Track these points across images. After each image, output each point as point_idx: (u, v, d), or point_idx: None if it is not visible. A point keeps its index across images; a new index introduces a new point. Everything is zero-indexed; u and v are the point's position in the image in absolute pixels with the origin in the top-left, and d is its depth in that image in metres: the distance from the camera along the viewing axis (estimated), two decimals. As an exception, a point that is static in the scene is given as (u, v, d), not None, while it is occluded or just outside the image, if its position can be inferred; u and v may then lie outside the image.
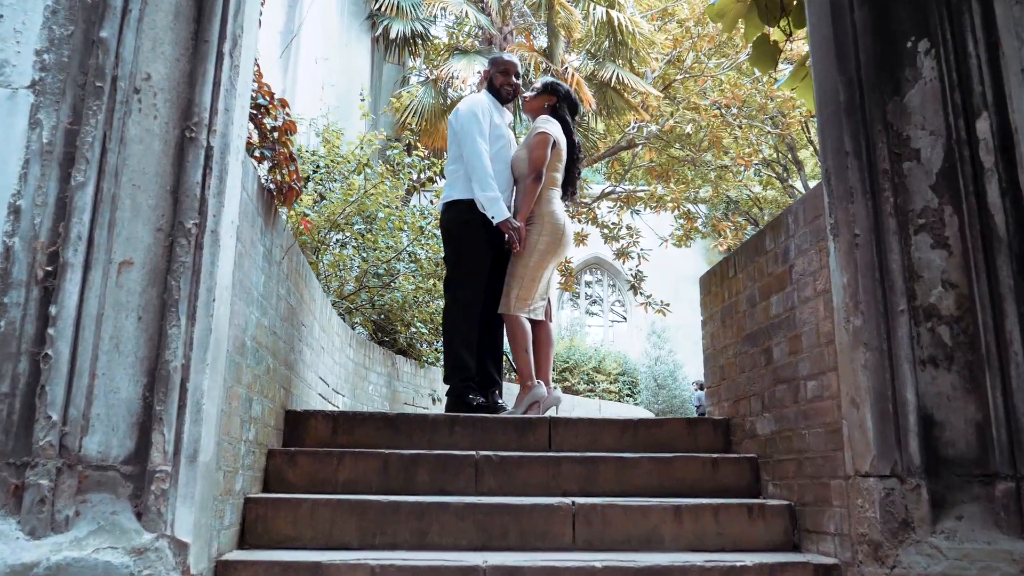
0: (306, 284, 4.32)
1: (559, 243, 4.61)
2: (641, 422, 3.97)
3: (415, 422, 3.85)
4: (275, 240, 3.44)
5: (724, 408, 4.10)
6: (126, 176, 2.52)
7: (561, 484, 3.49)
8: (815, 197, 3.17)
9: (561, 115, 4.76)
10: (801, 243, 3.27)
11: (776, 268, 3.51)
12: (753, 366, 3.73)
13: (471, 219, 4.47)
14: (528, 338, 4.46)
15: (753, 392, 3.72)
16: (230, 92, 2.72)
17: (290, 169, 3.33)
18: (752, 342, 3.75)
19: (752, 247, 3.79)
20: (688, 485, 3.55)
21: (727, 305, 4.09)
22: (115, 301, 2.43)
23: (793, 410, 3.30)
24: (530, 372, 4.42)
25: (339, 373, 5.74)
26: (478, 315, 4.47)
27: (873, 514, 2.65)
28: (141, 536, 2.27)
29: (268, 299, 3.35)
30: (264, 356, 3.31)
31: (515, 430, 3.87)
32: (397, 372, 7.62)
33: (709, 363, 4.37)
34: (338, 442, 3.77)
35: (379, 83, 14.07)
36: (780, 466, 3.41)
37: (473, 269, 4.50)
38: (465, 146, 4.57)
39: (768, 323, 3.57)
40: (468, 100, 4.83)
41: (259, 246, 3.16)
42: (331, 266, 7.16)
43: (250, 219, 3.01)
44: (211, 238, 2.57)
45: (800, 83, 5.15)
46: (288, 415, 3.80)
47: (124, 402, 2.39)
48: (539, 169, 4.52)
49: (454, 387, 4.39)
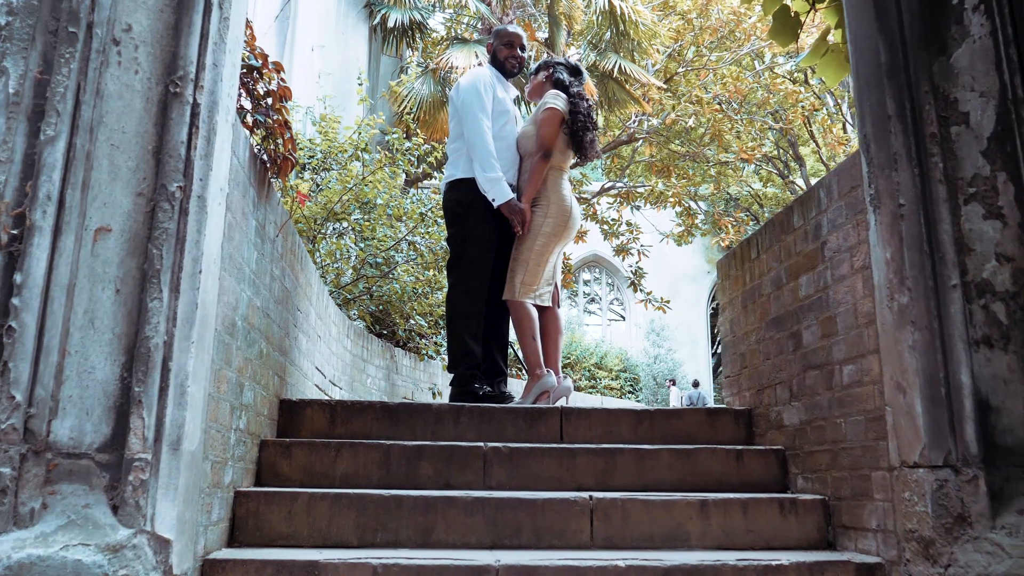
0: (302, 267, 4.08)
1: (566, 225, 4.37)
2: (658, 412, 3.74)
3: (418, 412, 3.61)
4: (269, 215, 3.20)
5: (746, 398, 3.87)
6: (103, 134, 2.28)
7: (576, 477, 3.25)
8: (851, 167, 2.94)
9: (558, 79, 4.51)
10: (835, 217, 3.04)
11: (806, 246, 3.27)
12: (779, 352, 3.50)
13: (475, 199, 4.23)
14: (535, 325, 4.22)
15: (779, 380, 3.49)
16: (219, 46, 2.48)
17: (285, 138, 3.09)
18: (778, 326, 3.51)
19: (778, 225, 3.56)
20: (712, 479, 3.31)
21: (749, 288, 3.86)
22: (90, 271, 2.19)
23: (826, 397, 3.06)
24: (538, 360, 4.18)
25: (336, 364, 5.50)
26: (484, 299, 4.23)
27: (924, 508, 2.42)
28: (117, 532, 2.03)
29: (261, 278, 3.11)
30: (257, 339, 3.07)
31: (524, 421, 3.63)
32: (396, 365, 7.37)
33: (728, 351, 4.14)
34: (336, 433, 3.53)
35: (376, 75, 13.83)
36: (811, 458, 3.17)
37: (478, 251, 4.26)
38: (466, 123, 4.33)
39: (797, 305, 3.33)
40: (470, 74, 4.57)
41: (251, 219, 2.92)
42: (328, 255, 6.92)
43: (241, 188, 2.77)
44: (197, 204, 2.33)
45: (821, 59, 4.92)
46: (283, 404, 3.56)
47: (100, 383, 2.15)
48: (547, 146, 4.28)
49: (459, 375, 4.14)
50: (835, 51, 4.90)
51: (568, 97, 4.43)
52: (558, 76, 4.54)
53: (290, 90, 3.19)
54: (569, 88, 4.47)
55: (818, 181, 3.22)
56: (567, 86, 4.48)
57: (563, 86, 4.48)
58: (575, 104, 4.43)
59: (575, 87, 4.50)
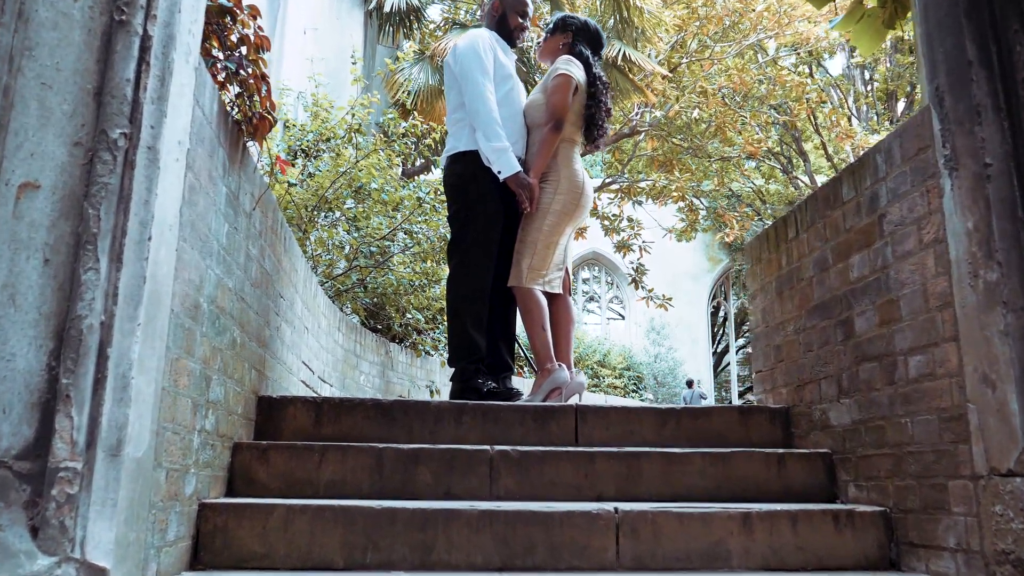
0: (285, 249, 3.66)
1: (578, 203, 3.93)
2: (685, 411, 3.32)
3: (415, 410, 3.20)
4: (244, 184, 2.79)
5: (782, 395, 3.46)
6: (31, 71, 1.86)
7: (596, 485, 2.84)
8: (918, 126, 2.53)
9: (580, 52, 4.08)
10: (897, 186, 2.63)
11: (858, 221, 2.86)
12: (824, 343, 3.09)
13: (480, 172, 3.80)
14: (545, 314, 3.79)
15: (825, 374, 3.08)
16: (175, -30, 2.07)
17: (261, 94, 2.67)
18: (823, 314, 3.10)
19: (822, 199, 3.15)
20: (750, 486, 2.90)
21: (786, 272, 3.45)
22: (11, 236, 1.78)
23: (886, 394, 2.65)
24: (549, 353, 3.74)
25: (326, 359, 5.08)
26: (489, 285, 3.80)
27: (1021, 525, 2.02)
28: (35, 561, 1.62)
29: (234, 255, 2.69)
30: (228, 326, 2.65)
31: (535, 420, 3.22)
32: (391, 361, 6.95)
33: (760, 343, 3.73)
34: (322, 434, 3.12)
35: (372, 63, 13.40)
36: (867, 463, 2.76)
37: (482, 230, 3.83)
38: (467, 88, 3.88)
39: (847, 289, 2.92)
40: (468, 36, 4.10)
41: (220, 185, 2.50)
42: (319, 243, 6.49)
43: (207, 147, 2.36)
44: (147, 156, 1.91)
45: (856, 24, 4.52)
46: (262, 402, 3.14)
47: (21, 374, 1.73)
48: (559, 116, 3.85)
49: (461, 370, 3.71)
50: (871, 16, 4.50)
51: (587, 75, 4.02)
52: (580, 49, 4.10)
53: (268, 39, 2.76)
54: (591, 67, 4.05)
55: (873, 146, 2.81)
56: (589, 63, 4.06)
57: (584, 60, 4.06)
58: (594, 88, 4.02)
59: (596, 66, 4.09)
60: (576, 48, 4.07)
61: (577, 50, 4.05)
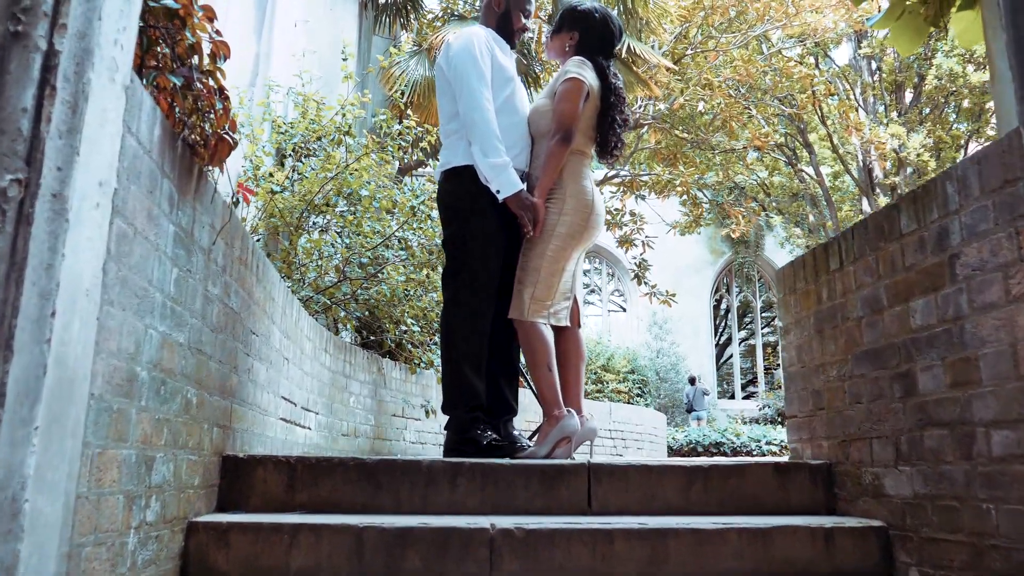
0: (259, 278, 3.23)
1: (587, 224, 3.49)
2: (714, 469, 2.91)
3: (403, 472, 2.78)
4: (199, 216, 2.36)
5: (822, 448, 3.04)
6: None
7: (614, 569, 2.43)
8: (1004, 153, 2.10)
9: (592, 54, 3.63)
10: (975, 222, 2.20)
11: (921, 259, 2.44)
12: (877, 396, 2.67)
13: (477, 191, 3.36)
14: (550, 352, 3.36)
15: (878, 433, 2.66)
16: (95, -34, 1.64)
17: (217, 111, 2.24)
18: (875, 362, 2.68)
19: (874, 228, 2.72)
20: (795, 570, 2.49)
21: (827, 308, 3.03)
22: None
23: (961, 469, 2.24)
24: (556, 397, 3.31)
25: (311, 386, 4.66)
26: (489, 320, 3.36)
27: None
28: None
29: (186, 303, 2.27)
30: (179, 388, 2.23)
31: (541, 482, 2.80)
32: (384, 378, 6.52)
33: (795, 384, 3.31)
34: (296, 502, 2.70)
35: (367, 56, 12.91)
36: (934, 548, 2.35)
37: (481, 257, 3.38)
38: (462, 97, 3.42)
39: (907, 337, 2.50)
40: (462, 35, 3.61)
41: (166, 225, 2.08)
42: (307, 253, 6.06)
43: (146, 181, 1.93)
44: (51, 207, 1.49)
45: (895, 22, 4.09)
46: (227, 462, 2.72)
47: None
48: (568, 127, 3.40)
49: (457, 419, 3.27)
50: (912, 13, 4.07)
51: (601, 81, 3.57)
52: (592, 55, 3.64)
53: (227, 45, 2.33)
54: (607, 73, 3.60)
55: (943, 173, 2.38)
56: (604, 68, 3.60)
57: (598, 65, 3.60)
58: (610, 96, 3.57)
59: (612, 70, 3.63)
60: (589, 50, 3.61)
61: (591, 54, 3.59)
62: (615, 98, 3.55)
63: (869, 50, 19.24)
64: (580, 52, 3.61)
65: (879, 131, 17.63)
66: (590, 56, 3.59)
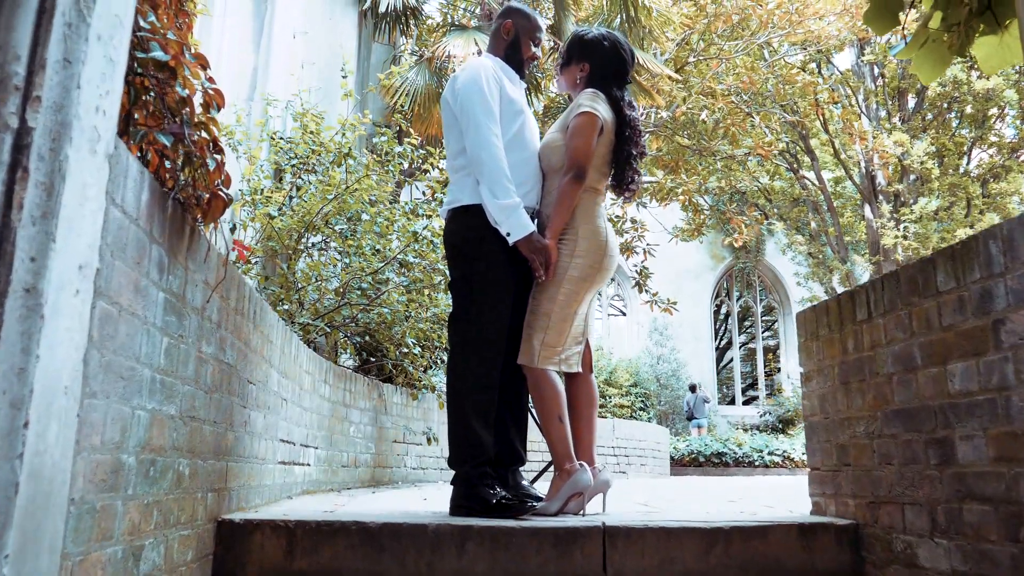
0: (256, 324, 3.09)
1: (600, 266, 3.31)
2: (735, 531, 2.76)
3: (409, 536, 2.63)
4: (192, 275, 2.21)
5: (848, 507, 2.90)
6: None
7: (633, 651, 2.28)
8: (1055, 216, 1.96)
9: (604, 85, 3.43)
10: (1022, 286, 2.06)
11: (961, 320, 2.29)
12: (910, 460, 2.52)
13: (487, 232, 3.19)
14: (562, 402, 3.20)
15: (911, 499, 2.51)
16: (76, 31, 1.51)
17: (209, 162, 2.09)
18: (908, 423, 2.54)
19: (907, 282, 2.58)
20: (825, 650, 2.35)
21: (853, 360, 2.88)
22: None
23: (1006, 551, 2.09)
24: (568, 450, 3.16)
25: (309, 422, 4.52)
26: (499, 369, 3.19)
27: None
28: None
29: (178, 371, 2.12)
30: (170, 463, 2.08)
31: (554, 547, 2.65)
32: (384, 404, 6.37)
33: (817, 435, 3.17)
34: (295, 568, 2.56)
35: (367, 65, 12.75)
36: (976, 630, 2.20)
37: (490, 303, 3.21)
38: (469, 134, 3.24)
39: (944, 402, 2.36)
40: (469, 68, 3.41)
41: (155, 293, 1.93)
42: (305, 277, 5.91)
43: (133, 253, 1.78)
44: (24, 303, 1.35)
45: (919, 50, 3.94)
46: (222, 527, 2.58)
47: None
48: (581, 164, 3.24)
49: (464, 475, 3.09)
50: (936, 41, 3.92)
51: (616, 116, 3.38)
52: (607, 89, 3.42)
53: (222, 95, 2.18)
54: (622, 106, 3.41)
55: (984, 231, 2.24)
56: (618, 99, 3.42)
57: (612, 98, 3.41)
58: (625, 128, 3.38)
59: (626, 100, 3.43)
60: (598, 80, 3.43)
61: (603, 84, 3.40)
62: (630, 131, 3.38)
63: (872, 56, 19.11)
64: (592, 83, 3.44)
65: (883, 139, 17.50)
66: (603, 87, 3.41)
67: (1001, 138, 20.17)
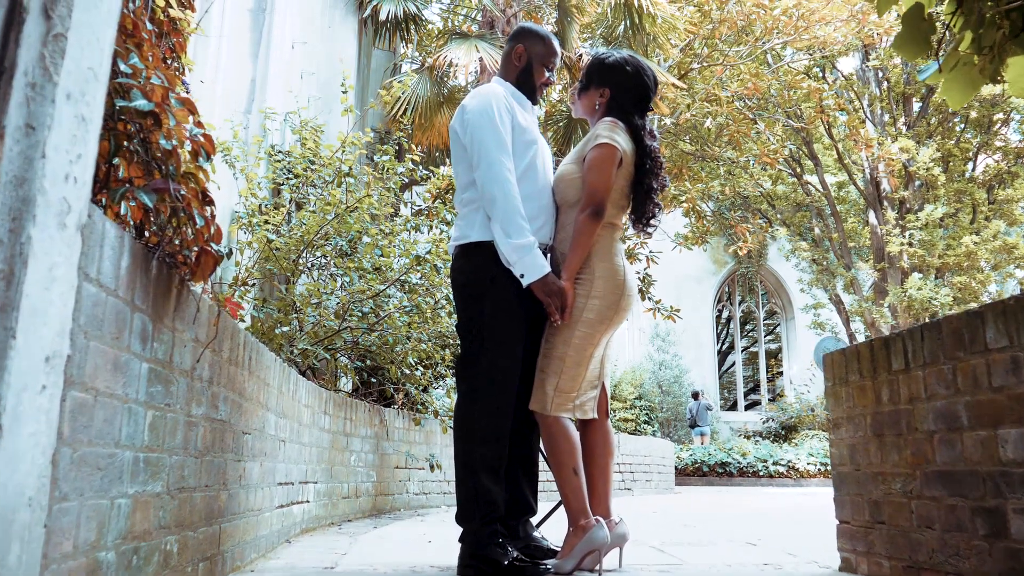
0: (251, 371, 2.91)
1: (617, 307, 3.08)
2: (763, 598, 2.59)
3: (415, 606, 2.45)
4: (180, 336, 2.03)
5: (882, 568, 2.72)
6: None
7: None
8: None
9: (624, 113, 3.22)
10: (1088, 354, 1.88)
11: (1014, 383, 2.12)
12: (955, 527, 2.35)
13: (498, 271, 3.00)
14: (576, 452, 2.99)
15: (956, 568, 2.34)
16: (41, 90, 1.34)
17: (198, 218, 1.91)
18: (952, 487, 2.36)
19: (950, 335, 2.40)
20: None
21: (887, 412, 2.70)
22: None
23: (1071, 641, 1.91)
24: (583, 505, 2.96)
25: (308, 456, 4.33)
26: (511, 419, 2.99)
27: None
28: None
29: (165, 443, 1.94)
30: (156, 545, 1.91)
31: (571, 616, 2.47)
32: (386, 430, 6.19)
33: (846, 486, 2.99)
34: (293, 644, 2.38)
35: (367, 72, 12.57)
36: None
37: (503, 350, 3.00)
38: (480, 168, 3.03)
39: (995, 468, 2.18)
40: (479, 95, 3.20)
41: (138, 365, 1.75)
42: (304, 301, 5.72)
43: (111, 327, 1.60)
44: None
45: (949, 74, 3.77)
46: (214, 598, 2.40)
47: None
48: (599, 200, 3.03)
49: (473, 533, 2.88)
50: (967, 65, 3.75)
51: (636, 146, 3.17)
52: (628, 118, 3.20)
53: (212, 141, 2.01)
54: (641, 132, 3.21)
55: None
56: (639, 128, 3.22)
57: (634, 129, 3.20)
58: (645, 160, 3.17)
59: (648, 127, 3.21)
60: (618, 107, 3.23)
61: (624, 114, 3.20)
62: (651, 163, 3.18)
63: (877, 62, 18.92)
64: (611, 110, 3.23)
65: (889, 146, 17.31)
66: (623, 115, 3.21)
67: (1007, 143, 19.98)
